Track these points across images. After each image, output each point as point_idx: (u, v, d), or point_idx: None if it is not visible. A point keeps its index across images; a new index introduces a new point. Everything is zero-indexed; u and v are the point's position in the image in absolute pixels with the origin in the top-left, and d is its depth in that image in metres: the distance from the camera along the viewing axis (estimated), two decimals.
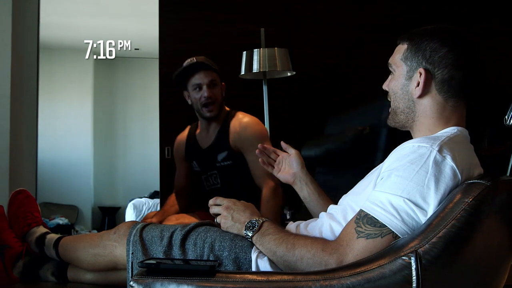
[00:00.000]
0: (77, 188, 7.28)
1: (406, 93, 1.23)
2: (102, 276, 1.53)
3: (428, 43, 1.19)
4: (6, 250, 1.63)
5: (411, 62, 1.22)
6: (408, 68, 1.22)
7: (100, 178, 7.73)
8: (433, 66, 1.19)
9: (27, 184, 3.18)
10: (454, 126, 1.19)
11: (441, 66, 1.18)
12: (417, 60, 1.21)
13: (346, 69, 4.10)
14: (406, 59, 1.23)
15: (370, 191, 1.16)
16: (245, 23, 4.01)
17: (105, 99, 7.84)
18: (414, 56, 1.21)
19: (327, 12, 4.17)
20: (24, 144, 3.25)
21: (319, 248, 1.11)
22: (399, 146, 1.15)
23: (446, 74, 1.18)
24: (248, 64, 3.19)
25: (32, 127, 3.32)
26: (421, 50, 1.20)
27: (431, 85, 1.19)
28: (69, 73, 7.32)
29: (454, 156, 1.08)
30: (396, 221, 1.05)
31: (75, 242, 1.57)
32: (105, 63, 7.87)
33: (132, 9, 5.74)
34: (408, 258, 0.96)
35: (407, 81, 1.23)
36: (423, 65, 1.19)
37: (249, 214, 1.31)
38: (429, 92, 1.20)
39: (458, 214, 1.00)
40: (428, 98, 1.21)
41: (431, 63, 1.19)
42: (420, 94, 1.20)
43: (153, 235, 1.38)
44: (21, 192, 1.79)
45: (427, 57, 1.19)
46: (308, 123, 3.80)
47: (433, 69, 1.19)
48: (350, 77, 4.04)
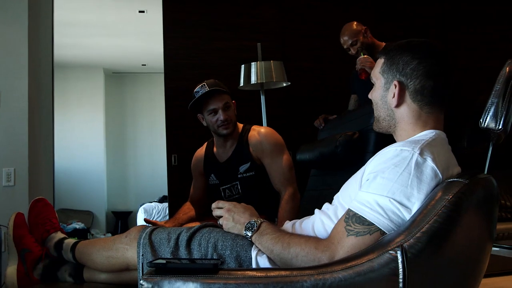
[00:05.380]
0: (91, 195, 7.30)
1: (385, 103, 1.25)
2: (115, 276, 1.54)
3: (401, 57, 1.21)
4: (27, 254, 1.64)
5: (387, 74, 1.24)
6: (385, 81, 1.24)
7: (112, 185, 7.76)
8: (406, 77, 1.20)
9: (45, 193, 3.20)
10: (432, 129, 1.20)
11: (413, 77, 1.20)
12: (392, 73, 1.22)
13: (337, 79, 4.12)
14: (384, 72, 1.25)
15: (356, 190, 1.17)
16: (242, 39, 4.03)
17: (116, 112, 7.88)
18: (390, 69, 1.23)
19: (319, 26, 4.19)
20: (41, 156, 3.26)
21: (312, 246, 1.12)
22: (383, 150, 1.16)
23: (418, 84, 1.20)
24: (247, 76, 3.21)
25: (48, 139, 3.33)
26: (395, 63, 1.22)
27: (405, 95, 1.21)
28: (82, 89, 7.37)
29: (434, 157, 1.09)
30: (383, 219, 1.06)
31: (90, 246, 1.57)
32: (115, 79, 7.91)
33: (139, 29, 5.77)
34: (395, 252, 0.97)
35: (385, 92, 1.25)
36: (397, 78, 1.21)
37: (248, 215, 1.32)
38: (405, 102, 1.22)
39: (439, 211, 1.00)
40: (404, 106, 1.22)
41: (404, 75, 1.21)
42: (396, 104, 1.22)
43: (161, 237, 1.39)
44: (40, 201, 1.79)
45: (400, 70, 1.21)
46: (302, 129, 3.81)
47: (406, 81, 1.20)
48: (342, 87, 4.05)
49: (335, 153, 2.02)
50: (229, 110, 2.15)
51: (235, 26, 4.07)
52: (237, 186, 2.22)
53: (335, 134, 2.09)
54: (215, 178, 2.29)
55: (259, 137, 2.17)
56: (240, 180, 2.20)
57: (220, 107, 2.12)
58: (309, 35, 4.18)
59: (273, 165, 2.13)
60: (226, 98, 2.14)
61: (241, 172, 2.19)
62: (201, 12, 4.05)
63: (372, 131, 1.96)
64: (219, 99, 2.12)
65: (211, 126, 2.18)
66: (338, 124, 2.50)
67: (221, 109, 2.12)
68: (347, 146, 1.98)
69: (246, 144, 2.18)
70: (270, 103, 3.51)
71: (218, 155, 2.28)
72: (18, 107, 3.04)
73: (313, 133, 2.83)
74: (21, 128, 3.04)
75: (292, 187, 2.10)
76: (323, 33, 4.18)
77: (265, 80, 3.14)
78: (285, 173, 2.12)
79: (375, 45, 2.85)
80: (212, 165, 2.30)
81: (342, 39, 2.87)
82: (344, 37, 2.85)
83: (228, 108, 2.14)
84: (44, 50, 3.29)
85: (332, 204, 1.32)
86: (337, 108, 2.87)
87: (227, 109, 2.14)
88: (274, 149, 2.14)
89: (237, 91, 3.30)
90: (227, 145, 2.23)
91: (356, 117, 2.20)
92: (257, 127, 2.24)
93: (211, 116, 2.15)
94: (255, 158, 2.17)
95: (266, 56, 3.43)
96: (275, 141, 2.17)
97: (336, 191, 1.36)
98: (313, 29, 4.18)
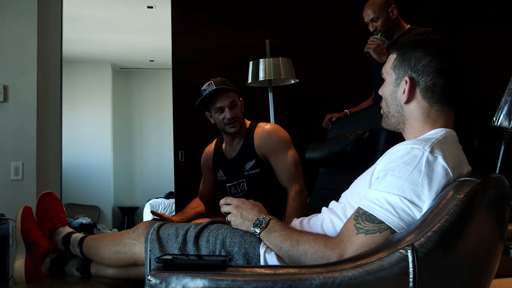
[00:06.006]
0: (98, 190, 7.33)
1: (395, 99, 1.24)
2: (123, 271, 1.54)
3: (413, 53, 1.21)
4: (35, 248, 1.65)
5: (398, 70, 1.23)
6: (396, 76, 1.24)
7: (119, 180, 7.78)
8: (417, 74, 1.20)
9: (53, 187, 3.21)
10: (442, 128, 1.19)
11: (425, 74, 1.19)
12: (404, 69, 1.22)
13: (345, 76, 4.10)
14: (395, 67, 1.24)
15: (366, 188, 1.16)
16: (250, 36, 4.02)
17: (123, 107, 7.89)
18: (401, 65, 1.23)
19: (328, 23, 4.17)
20: (49, 150, 3.28)
21: (322, 244, 1.11)
22: (393, 148, 1.15)
23: (429, 82, 1.19)
24: (255, 73, 3.20)
25: (56, 134, 3.34)
26: (407, 59, 1.21)
27: (416, 92, 1.21)
28: (90, 84, 7.38)
29: (445, 156, 1.08)
30: (393, 217, 1.05)
31: (97, 241, 1.58)
32: (122, 74, 7.92)
33: (147, 24, 5.77)
34: (405, 251, 0.96)
35: (395, 88, 1.24)
36: (408, 74, 1.21)
37: (257, 212, 1.31)
38: (415, 98, 1.21)
39: (451, 210, 0.99)
40: (414, 103, 1.22)
41: (415, 71, 1.20)
42: (406, 100, 1.21)
43: (169, 233, 1.39)
44: (48, 195, 1.80)
45: (412, 66, 1.20)
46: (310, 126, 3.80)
47: (417, 77, 1.20)
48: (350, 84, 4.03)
49: (345, 152, 2.01)
50: (236, 108, 2.15)
51: (243, 23, 4.06)
52: (243, 183, 2.22)
53: (346, 133, 2.07)
54: (223, 174, 2.29)
55: (263, 134, 2.17)
56: (246, 177, 2.20)
57: (227, 105, 2.12)
58: (317, 32, 4.16)
59: (278, 162, 2.12)
60: (232, 96, 2.14)
61: (247, 169, 2.19)
62: (210, 8, 4.04)
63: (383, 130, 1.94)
64: (226, 97, 2.12)
65: (218, 124, 2.19)
66: (349, 122, 2.48)
67: (228, 107, 2.13)
68: (357, 145, 1.97)
69: (252, 142, 2.18)
70: (278, 100, 3.50)
71: (227, 152, 2.28)
72: (26, 102, 3.06)
73: (321, 130, 2.82)
74: (30, 123, 3.06)
75: (299, 183, 2.08)
76: (331, 30, 4.16)
77: (273, 77, 3.13)
78: (291, 169, 2.11)
79: (398, 26, 2.58)
80: (221, 162, 2.30)
81: (365, 12, 2.57)
82: (368, 10, 2.56)
83: (234, 106, 2.14)
84: (52, 45, 3.30)
85: (340, 202, 1.32)
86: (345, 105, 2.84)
87: (233, 107, 2.14)
88: (279, 145, 2.13)
89: (245, 88, 3.29)
90: (234, 142, 2.24)
91: (367, 115, 2.19)
92: (263, 124, 2.24)
93: (218, 114, 2.15)
94: (259, 156, 2.16)
95: (275, 53, 3.42)
96: (280, 138, 2.16)
97: (345, 190, 1.34)
98: (322, 26, 4.16)
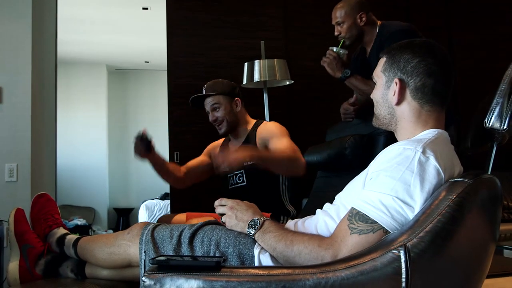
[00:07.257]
0: (93, 191, 7.31)
1: (386, 101, 1.26)
2: (117, 273, 1.54)
3: (402, 55, 1.22)
4: (29, 250, 1.65)
5: (388, 73, 1.25)
6: (386, 79, 1.26)
7: (114, 181, 7.76)
8: (406, 75, 1.21)
9: (48, 188, 3.20)
10: (433, 128, 1.21)
11: (414, 75, 1.21)
12: (393, 71, 1.24)
13: None
14: (385, 70, 1.26)
15: (359, 190, 1.17)
16: (246, 37, 4.02)
17: (118, 108, 7.88)
18: (391, 68, 1.24)
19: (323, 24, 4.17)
20: (44, 151, 3.27)
21: (316, 244, 1.12)
22: (386, 149, 1.16)
23: (418, 82, 1.21)
24: (250, 74, 3.21)
25: (51, 135, 3.33)
26: (396, 61, 1.23)
27: (406, 93, 1.22)
28: (85, 85, 7.36)
29: (437, 156, 1.09)
30: (386, 217, 1.06)
31: (92, 242, 1.58)
32: (117, 76, 7.91)
33: (142, 26, 5.77)
34: (398, 251, 0.97)
35: (386, 91, 1.26)
36: (398, 75, 1.22)
37: (251, 213, 1.32)
38: (405, 99, 1.23)
39: (443, 210, 1.00)
40: (404, 104, 1.23)
41: (404, 73, 1.22)
42: (396, 101, 1.23)
43: (164, 234, 1.39)
44: (42, 196, 1.80)
45: (401, 68, 1.22)
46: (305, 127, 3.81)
47: (407, 78, 1.22)
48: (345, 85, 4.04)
49: (344, 155, 2.02)
50: (218, 111, 2.24)
51: (238, 24, 4.07)
52: (241, 175, 2.26)
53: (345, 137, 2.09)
54: None
55: (266, 125, 2.25)
56: (245, 168, 2.23)
57: (209, 108, 2.25)
58: (313, 34, 4.16)
59: (276, 143, 2.08)
60: (215, 99, 2.24)
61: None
62: (205, 9, 4.04)
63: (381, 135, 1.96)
64: (208, 101, 2.25)
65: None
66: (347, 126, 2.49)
67: (210, 111, 2.25)
68: (356, 149, 1.99)
69: (255, 137, 2.23)
70: (273, 101, 3.50)
71: (231, 146, 2.35)
72: (21, 103, 3.05)
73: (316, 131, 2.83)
74: (24, 124, 3.05)
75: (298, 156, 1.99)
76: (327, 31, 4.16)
77: (268, 78, 3.14)
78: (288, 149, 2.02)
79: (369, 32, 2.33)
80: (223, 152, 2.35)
81: (333, 13, 2.37)
82: (335, 12, 2.34)
83: (216, 109, 2.24)
84: (47, 46, 3.30)
85: (334, 204, 1.32)
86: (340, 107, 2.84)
87: (215, 110, 2.24)
88: (278, 132, 2.16)
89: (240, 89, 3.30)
90: (237, 140, 2.31)
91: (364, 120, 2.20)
92: (267, 122, 2.31)
93: (209, 116, 2.28)
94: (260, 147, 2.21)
95: (270, 54, 3.43)
96: (280, 127, 2.20)
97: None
98: (317, 27, 4.17)
